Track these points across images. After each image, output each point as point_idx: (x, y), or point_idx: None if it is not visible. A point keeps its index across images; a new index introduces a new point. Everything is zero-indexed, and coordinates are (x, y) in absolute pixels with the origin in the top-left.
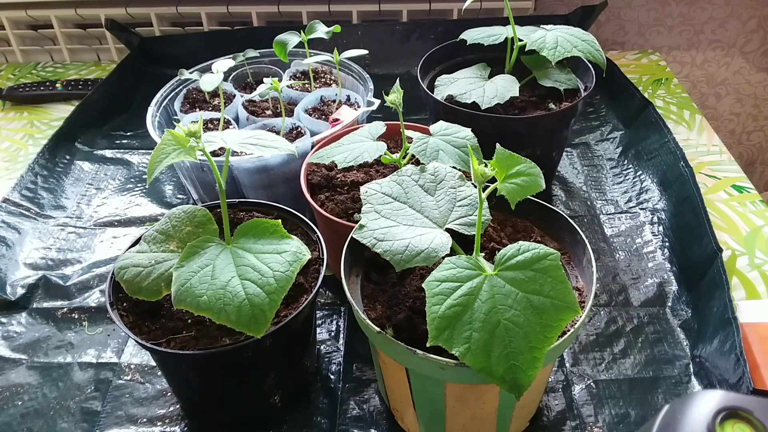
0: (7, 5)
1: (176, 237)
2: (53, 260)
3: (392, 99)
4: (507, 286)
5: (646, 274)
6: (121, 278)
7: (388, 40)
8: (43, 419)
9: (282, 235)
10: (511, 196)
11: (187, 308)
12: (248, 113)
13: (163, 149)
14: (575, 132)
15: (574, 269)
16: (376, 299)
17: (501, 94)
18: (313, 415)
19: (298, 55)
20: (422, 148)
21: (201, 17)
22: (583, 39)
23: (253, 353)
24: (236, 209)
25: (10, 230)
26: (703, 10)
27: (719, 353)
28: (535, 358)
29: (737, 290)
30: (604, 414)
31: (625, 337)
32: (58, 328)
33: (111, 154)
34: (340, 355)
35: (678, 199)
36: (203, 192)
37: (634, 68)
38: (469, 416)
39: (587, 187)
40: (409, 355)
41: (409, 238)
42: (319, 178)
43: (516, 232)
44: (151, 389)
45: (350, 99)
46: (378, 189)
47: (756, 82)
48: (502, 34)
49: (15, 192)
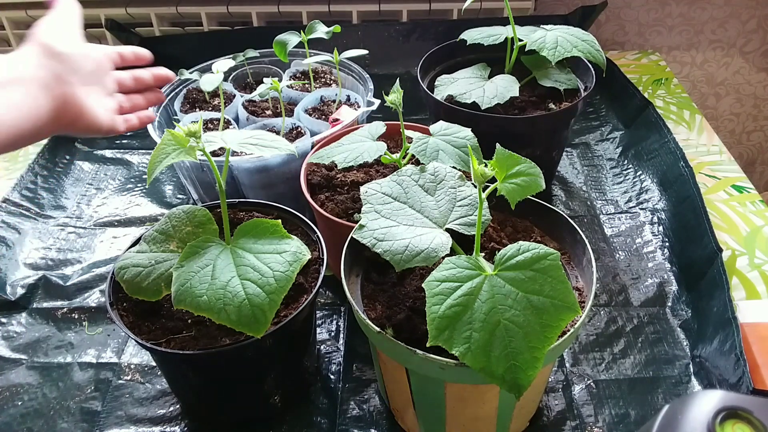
0: (7, 5)
1: (176, 237)
2: (53, 260)
3: (392, 99)
4: (507, 286)
5: (646, 274)
6: (121, 278)
7: (388, 40)
8: (43, 419)
9: (282, 235)
10: (511, 196)
11: (187, 308)
12: (248, 113)
13: (163, 149)
14: (575, 132)
15: (574, 269)
16: (376, 299)
17: (501, 94)
18: (313, 415)
19: (298, 55)
20: (422, 148)
21: (201, 17)
22: (583, 39)
23: (253, 353)
24: (236, 209)
25: (10, 230)
26: (703, 10)
27: (719, 353)
28: (535, 358)
29: (737, 290)
30: (604, 414)
31: (625, 337)
32: (58, 328)
33: (111, 154)
34: (340, 355)
35: (678, 199)
36: (203, 192)
37: (634, 68)
38: (469, 416)
39: (587, 187)
40: (409, 355)
41: (409, 238)
42: (319, 178)
43: (516, 232)
44: (151, 389)
45: (350, 99)
46: (378, 189)
47: (756, 82)
48: (502, 34)
49: (15, 192)
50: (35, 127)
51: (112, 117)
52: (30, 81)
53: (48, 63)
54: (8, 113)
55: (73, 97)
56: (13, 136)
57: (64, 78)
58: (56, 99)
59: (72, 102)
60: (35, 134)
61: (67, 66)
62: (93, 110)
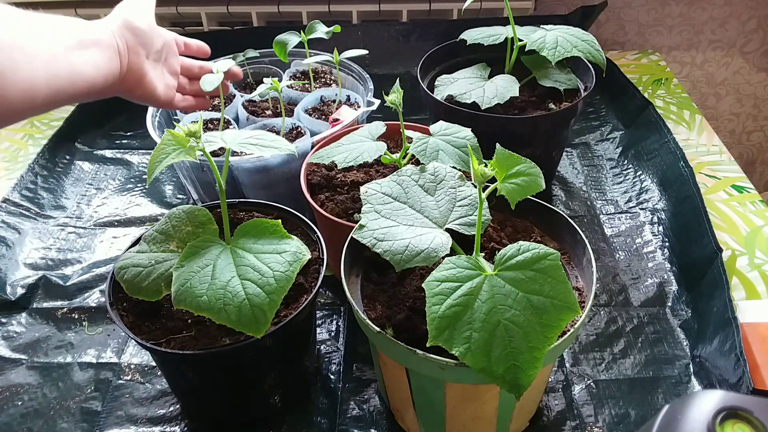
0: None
1: (176, 237)
2: (53, 260)
3: (392, 99)
4: (507, 286)
5: (646, 274)
6: (121, 278)
7: (388, 40)
8: (43, 419)
9: (282, 235)
10: (511, 196)
11: (187, 308)
12: (248, 113)
13: (163, 149)
14: (575, 132)
15: (574, 269)
16: (376, 299)
17: (501, 94)
18: (313, 415)
19: (298, 55)
20: (422, 148)
21: (201, 17)
22: (583, 39)
23: (253, 353)
24: (236, 209)
25: (10, 230)
26: (703, 10)
27: (719, 353)
28: (535, 358)
29: (737, 290)
30: (604, 414)
31: (625, 337)
32: (58, 328)
33: (111, 154)
34: (340, 355)
35: (678, 199)
36: (203, 192)
37: (634, 68)
38: (469, 416)
39: (587, 187)
40: (409, 355)
41: (409, 238)
42: (319, 178)
43: (516, 232)
44: (151, 389)
45: (350, 99)
46: (378, 189)
47: (756, 82)
48: (502, 34)
49: (15, 192)
50: (105, 84)
51: (170, 93)
52: (108, 46)
53: (125, 34)
54: (87, 69)
55: (139, 66)
56: (87, 89)
57: (136, 49)
58: (125, 65)
59: (135, 70)
60: (103, 91)
61: (140, 39)
62: (153, 81)
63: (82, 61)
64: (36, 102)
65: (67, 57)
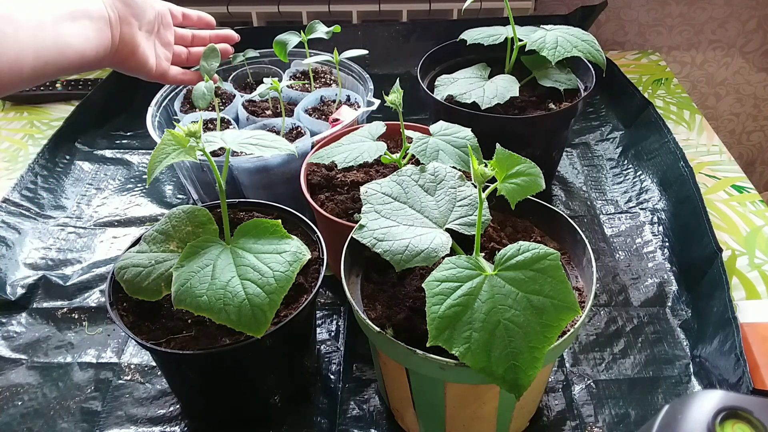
0: None
1: (176, 237)
2: (53, 260)
3: (392, 99)
4: (507, 286)
5: (646, 274)
6: (121, 278)
7: (388, 40)
8: (43, 419)
9: (282, 235)
10: (511, 196)
11: (187, 308)
12: (248, 113)
13: (163, 149)
14: (575, 132)
15: (574, 269)
16: (376, 299)
17: (501, 94)
18: (313, 415)
19: (298, 55)
20: (422, 148)
21: None
22: (583, 39)
23: (253, 353)
24: (236, 209)
25: (10, 230)
26: (703, 10)
27: (719, 353)
28: (535, 358)
29: (737, 290)
30: (604, 414)
31: (625, 337)
32: (58, 328)
33: (111, 154)
34: (340, 355)
35: (678, 199)
36: (203, 192)
37: (634, 68)
38: (469, 416)
39: (587, 187)
40: (409, 355)
41: (409, 238)
42: (319, 178)
43: (516, 232)
44: (151, 389)
45: (350, 99)
46: (378, 189)
47: (756, 82)
48: (502, 34)
49: (15, 192)
50: (97, 56)
51: (164, 65)
52: (98, 17)
53: (117, 5)
54: (77, 41)
55: (131, 37)
56: (77, 61)
57: (128, 20)
58: (117, 36)
59: (127, 41)
60: (95, 63)
61: (132, 10)
62: (145, 53)
63: (71, 33)
64: (23, 73)
65: (56, 28)
